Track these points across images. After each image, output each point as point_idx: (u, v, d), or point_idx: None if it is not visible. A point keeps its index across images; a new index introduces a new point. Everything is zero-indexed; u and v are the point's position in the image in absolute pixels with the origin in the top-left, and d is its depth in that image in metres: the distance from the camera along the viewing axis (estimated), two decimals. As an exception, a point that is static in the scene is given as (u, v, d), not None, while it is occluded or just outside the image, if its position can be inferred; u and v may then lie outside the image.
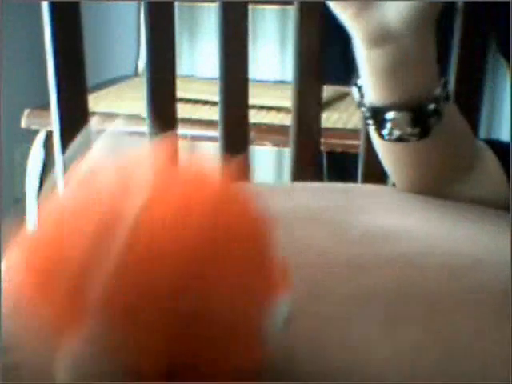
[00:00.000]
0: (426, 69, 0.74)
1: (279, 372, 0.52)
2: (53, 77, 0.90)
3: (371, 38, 0.70)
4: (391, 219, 0.72)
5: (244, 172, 0.97)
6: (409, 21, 0.69)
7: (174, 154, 0.46)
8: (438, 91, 0.74)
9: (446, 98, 0.75)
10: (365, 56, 0.73)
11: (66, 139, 0.92)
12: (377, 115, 0.76)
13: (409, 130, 0.75)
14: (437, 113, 0.74)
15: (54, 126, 0.91)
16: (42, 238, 0.46)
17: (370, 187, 0.87)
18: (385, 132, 0.76)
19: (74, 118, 0.92)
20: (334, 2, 0.70)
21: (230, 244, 0.45)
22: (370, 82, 0.75)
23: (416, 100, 0.74)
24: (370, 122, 0.77)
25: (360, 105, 0.77)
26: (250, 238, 0.47)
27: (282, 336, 0.48)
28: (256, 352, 0.46)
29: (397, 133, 0.75)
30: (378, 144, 0.79)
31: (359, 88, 0.77)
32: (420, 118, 0.74)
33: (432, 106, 0.74)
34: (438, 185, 0.79)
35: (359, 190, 0.86)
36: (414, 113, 0.74)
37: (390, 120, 0.75)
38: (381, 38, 0.70)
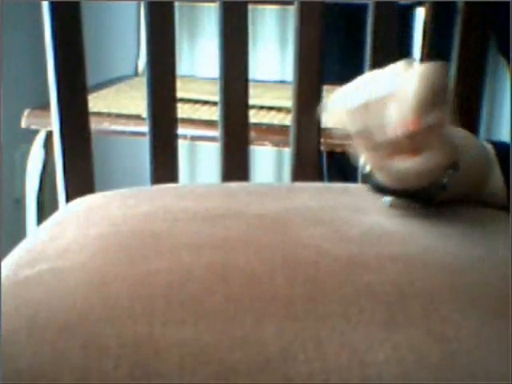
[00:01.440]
0: (436, 175, 0.71)
1: (279, 370, 0.52)
2: (53, 77, 0.90)
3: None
4: (391, 219, 0.72)
5: (244, 172, 0.97)
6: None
7: None
8: (445, 180, 0.72)
9: (455, 170, 0.72)
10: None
11: (66, 139, 0.92)
12: (377, 189, 0.75)
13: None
14: (442, 188, 0.73)
15: (54, 125, 0.92)
16: None
17: (370, 187, 0.87)
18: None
19: (74, 118, 0.92)
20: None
21: None
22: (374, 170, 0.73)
23: (419, 191, 0.72)
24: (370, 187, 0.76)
25: (365, 174, 0.76)
26: None
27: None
28: None
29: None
30: None
31: None
32: (419, 201, 0.74)
33: (436, 191, 0.73)
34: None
35: (359, 190, 0.86)
36: (414, 199, 0.73)
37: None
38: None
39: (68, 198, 0.91)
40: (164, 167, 0.96)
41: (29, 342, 0.55)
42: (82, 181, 0.93)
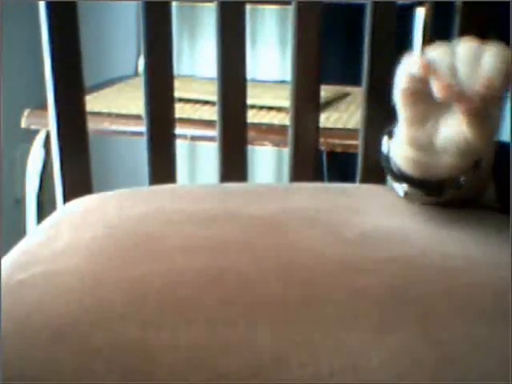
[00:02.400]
0: (456, 170, 0.71)
1: (273, 374, 0.52)
2: (50, 77, 0.90)
3: (412, 142, 0.70)
4: (388, 220, 0.72)
5: (242, 172, 0.97)
6: (463, 151, 0.67)
7: None
8: (462, 178, 0.72)
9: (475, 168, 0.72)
10: (400, 145, 0.72)
11: (64, 139, 0.91)
12: (394, 175, 0.75)
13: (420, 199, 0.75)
14: (457, 186, 0.73)
15: (52, 126, 0.91)
16: None
17: (368, 187, 0.87)
18: (396, 188, 0.76)
19: (72, 119, 0.92)
20: (399, 101, 0.68)
21: None
22: (397, 153, 0.73)
23: (436, 184, 0.72)
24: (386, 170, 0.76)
25: (384, 156, 0.76)
26: None
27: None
28: None
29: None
30: None
31: (390, 135, 0.75)
32: (435, 194, 0.74)
33: (452, 189, 0.73)
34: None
35: (357, 190, 0.86)
36: (429, 192, 0.73)
37: (403, 189, 0.74)
38: (421, 147, 0.69)
39: (66, 199, 0.91)
40: (162, 167, 0.96)
41: (21, 345, 0.54)
42: (79, 181, 0.93)
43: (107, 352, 0.53)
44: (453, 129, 0.67)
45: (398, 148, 0.73)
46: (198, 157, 2.18)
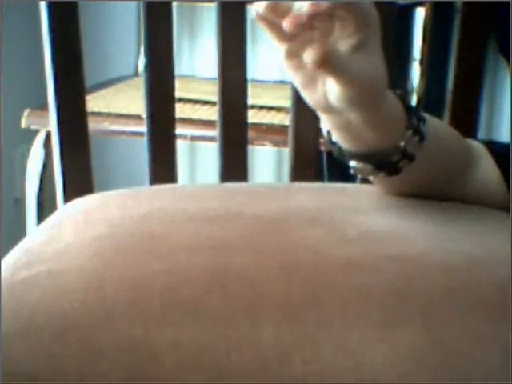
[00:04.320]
0: (381, 130, 0.71)
1: (276, 373, 0.52)
2: (51, 77, 0.90)
3: (316, 106, 0.70)
4: (389, 219, 0.72)
5: (243, 172, 0.97)
6: (347, 102, 0.67)
7: None
8: (402, 143, 0.71)
9: (421, 138, 0.72)
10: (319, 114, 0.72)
11: (65, 140, 0.92)
12: (341, 156, 0.75)
13: (372, 176, 0.75)
14: (406, 157, 0.72)
15: (52, 126, 0.91)
16: None
17: (369, 187, 0.87)
18: (350, 170, 0.75)
19: (73, 119, 0.92)
20: (286, 68, 0.69)
21: None
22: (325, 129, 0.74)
23: (376, 154, 0.72)
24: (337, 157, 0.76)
25: (328, 140, 0.76)
26: None
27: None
28: None
29: (361, 176, 0.75)
30: None
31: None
32: (383, 167, 0.73)
33: (396, 157, 0.72)
34: (430, 192, 0.78)
35: (357, 190, 0.86)
36: (375, 165, 0.73)
37: (352, 167, 0.74)
38: (325, 108, 0.69)
39: (67, 199, 0.91)
40: (163, 167, 0.96)
41: (25, 345, 0.55)
42: (80, 181, 0.93)
43: (111, 351, 0.53)
44: (329, 85, 0.66)
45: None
46: (198, 157, 2.18)
